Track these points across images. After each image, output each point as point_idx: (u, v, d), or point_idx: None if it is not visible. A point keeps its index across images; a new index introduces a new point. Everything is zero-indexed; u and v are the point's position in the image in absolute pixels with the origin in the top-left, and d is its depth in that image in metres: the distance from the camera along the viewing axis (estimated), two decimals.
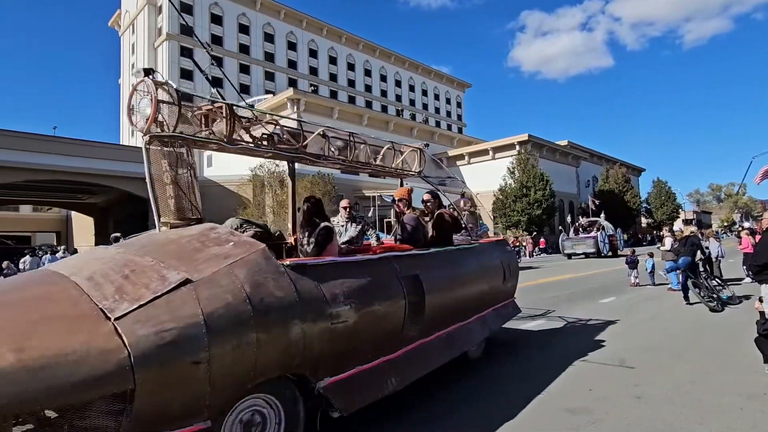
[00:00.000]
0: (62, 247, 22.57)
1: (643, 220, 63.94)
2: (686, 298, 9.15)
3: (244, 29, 51.91)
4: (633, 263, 12.41)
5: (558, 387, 4.26)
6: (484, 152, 43.82)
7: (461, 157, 45.28)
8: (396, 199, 5.05)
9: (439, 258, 4.58)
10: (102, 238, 38.00)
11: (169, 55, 46.57)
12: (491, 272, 5.49)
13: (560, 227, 30.03)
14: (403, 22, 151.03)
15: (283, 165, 25.58)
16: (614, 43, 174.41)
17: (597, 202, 34.99)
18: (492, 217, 37.63)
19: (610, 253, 26.35)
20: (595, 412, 3.66)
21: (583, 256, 26.32)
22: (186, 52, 47.59)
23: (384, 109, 62.44)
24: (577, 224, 30.05)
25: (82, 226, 42.22)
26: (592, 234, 27.10)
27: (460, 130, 71.08)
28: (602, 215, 30.61)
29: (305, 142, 4.08)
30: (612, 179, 50.41)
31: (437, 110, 73.82)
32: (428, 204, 5.15)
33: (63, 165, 21.01)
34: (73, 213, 43.05)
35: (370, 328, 3.40)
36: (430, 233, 4.95)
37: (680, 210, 62.38)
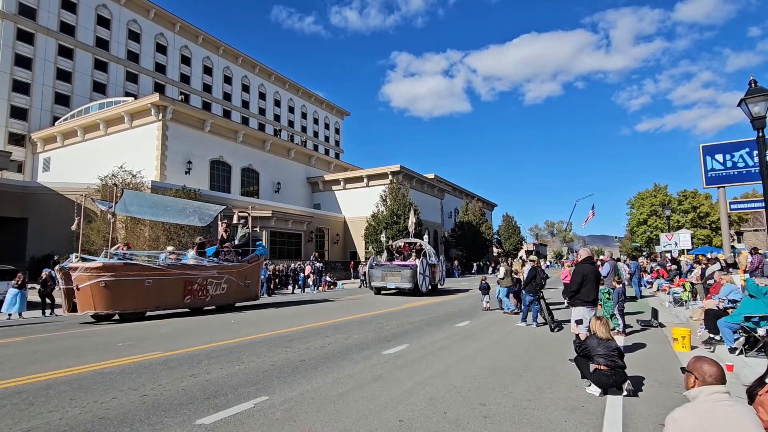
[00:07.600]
0: None
1: (495, 250, 71.83)
2: (525, 319, 10.59)
3: (104, 22, 46.45)
4: (485, 289, 13.78)
5: (415, 412, 4.44)
6: (359, 179, 45.22)
7: (337, 182, 46.03)
8: None
9: None
10: None
11: (2, 37, 39.31)
12: None
13: (368, 248, 24.00)
14: (280, 42, 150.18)
15: (143, 176, 23.20)
16: (471, 91, 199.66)
17: (414, 224, 26.00)
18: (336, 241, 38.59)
19: (428, 289, 19.57)
20: None
21: (395, 290, 19.62)
22: (25, 37, 40.72)
23: (261, 127, 60.83)
24: (390, 245, 22.72)
25: None
26: (410, 262, 20.13)
27: (337, 156, 72.36)
28: (425, 237, 23.44)
29: None
30: (471, 212, 55.92)
31: (316, 134, 74.27)
32: None
33: None
34: None
35: None
36: None
37: (523, 242, 71.98)
